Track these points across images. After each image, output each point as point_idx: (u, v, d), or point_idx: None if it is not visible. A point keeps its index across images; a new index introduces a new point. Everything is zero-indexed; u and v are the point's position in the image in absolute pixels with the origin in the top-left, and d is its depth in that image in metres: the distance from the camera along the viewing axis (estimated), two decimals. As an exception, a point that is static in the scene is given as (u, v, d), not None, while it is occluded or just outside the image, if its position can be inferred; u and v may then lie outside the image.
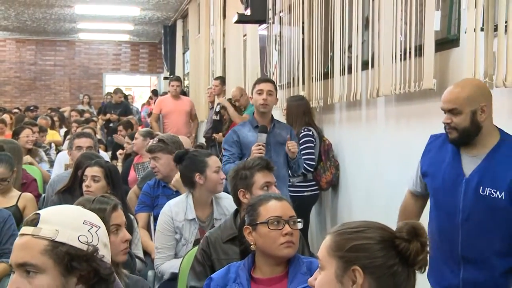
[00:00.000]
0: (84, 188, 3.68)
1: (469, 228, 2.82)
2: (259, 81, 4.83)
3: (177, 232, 3.72)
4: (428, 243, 1.62)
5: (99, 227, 1.73)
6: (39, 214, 1.68)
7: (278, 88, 7.28)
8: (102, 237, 1.72)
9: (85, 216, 1.74)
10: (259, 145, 4.37)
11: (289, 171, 4.82)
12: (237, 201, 3.25)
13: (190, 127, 8.95)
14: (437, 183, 2.94)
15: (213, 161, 3.77)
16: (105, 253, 1.71)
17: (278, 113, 7.23)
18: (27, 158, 6.41)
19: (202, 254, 3.02)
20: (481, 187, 2.76)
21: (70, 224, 1.67)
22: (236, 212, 3.20)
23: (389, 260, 1.59)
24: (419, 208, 3.19)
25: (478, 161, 2.81)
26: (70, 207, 1.85)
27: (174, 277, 3.49)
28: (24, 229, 1.67)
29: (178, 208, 3.74)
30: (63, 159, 5.92)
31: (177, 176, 4.20)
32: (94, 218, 1.76)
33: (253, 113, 4.83)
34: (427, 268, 1.63)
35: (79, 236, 1.65)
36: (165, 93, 12.79)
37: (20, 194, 4.52)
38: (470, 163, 2.83)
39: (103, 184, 3.71)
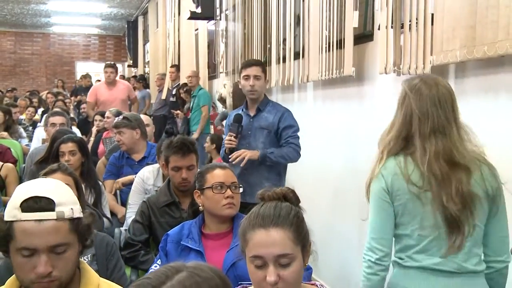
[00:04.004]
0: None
1: None
2: (245, 66, 3.77)
3: (146, 193, 3.71)
4: None
5: None
6: (50, 198, 1.51)
7: (224, 74, 7.28)
8: None
9: (69, 188, 1.65)
10: (231, 136, 3.69)
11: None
12: None
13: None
14: None
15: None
16: None
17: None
18: (2, 134, 6.27)
19: (141, 215, 3.08)
20: None
21: (72, 199, 1.58)
22: (168, 181, 3.18)
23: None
24: None
25: None
26: (60, 183, 1.67)
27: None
28: (42, 215, 1.49)
29: (150, 174, 3.75)
30: (40, 134, 5.78)
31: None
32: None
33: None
34: None
35: (79, 208, 1.58)
36: (98, 81, 12.38)
37: (2, 164, 4.35)
38: None
39: (79, 156, 3.59)
